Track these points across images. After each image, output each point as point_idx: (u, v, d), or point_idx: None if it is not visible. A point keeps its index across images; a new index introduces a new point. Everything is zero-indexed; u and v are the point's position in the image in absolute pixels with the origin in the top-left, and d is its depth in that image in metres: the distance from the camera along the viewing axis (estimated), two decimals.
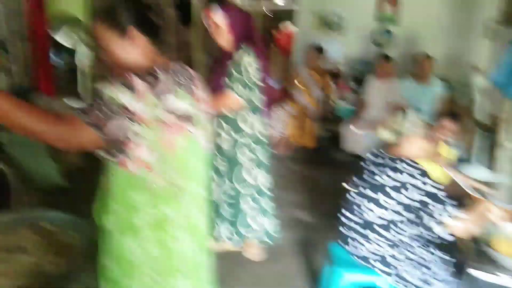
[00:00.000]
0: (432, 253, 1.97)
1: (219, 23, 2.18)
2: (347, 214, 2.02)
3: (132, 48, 1.22)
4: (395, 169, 1.86)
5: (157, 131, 1.15)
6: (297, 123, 4.66)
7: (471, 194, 2.37)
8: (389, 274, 1.90)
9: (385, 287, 1.91)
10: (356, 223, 1.97)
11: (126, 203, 1.23)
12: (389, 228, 1.88)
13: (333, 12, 5.34)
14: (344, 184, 2.10)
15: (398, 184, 1.83)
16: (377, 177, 1.90)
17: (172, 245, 1.27)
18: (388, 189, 1.85)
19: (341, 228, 2.06)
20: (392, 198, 1.84)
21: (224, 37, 2.21)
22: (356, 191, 2.01)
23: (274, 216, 2.60)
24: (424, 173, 1.81)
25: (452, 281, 1.88)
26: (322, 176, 4.18)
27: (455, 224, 1.69)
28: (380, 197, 1.87)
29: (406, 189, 1.80)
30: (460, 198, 2.14)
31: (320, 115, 4.80)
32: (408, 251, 1.93)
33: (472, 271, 1.81)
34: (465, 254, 1.95)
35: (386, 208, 1.86)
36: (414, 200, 1.79)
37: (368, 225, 1.92)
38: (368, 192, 1.92)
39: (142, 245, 1.25)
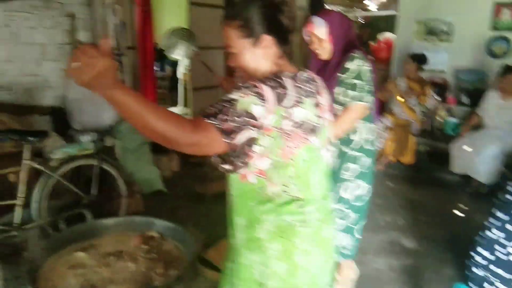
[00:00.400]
0: None
1: (322, 36, 2.04)
2: (485, 253, 1.76)
3: (263, 56, 1.17)
4: None
5: (280, 142, 1.09)
6: (395, 137, 4.35)
7: None
8: None
9: None
10: (496, 264, 1.70)
11: (249, 215, 1.18)
12: None
13: (440, 19, 4.94)
14: (457, 211, 1.82)
15: None
16: None
17: (298, 258, 1.17)
18: None
19: (473, 269, 1.79)
20: None
21: (326, 49, 2.07)
22: (497, 226, 1.74)
23: (357, 232, 2.28)
24: None
25: None
26: (425, 197, 3.83)
27: None
28: None
29: None
30: None
31: (422, 129, 4.43)
32: None
33: None
34: None
35: None
36: None
37: None
38: None
39: (268, 262, 1.17)
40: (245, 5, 1.16)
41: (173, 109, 6.60)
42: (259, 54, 1.17)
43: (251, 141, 1.03)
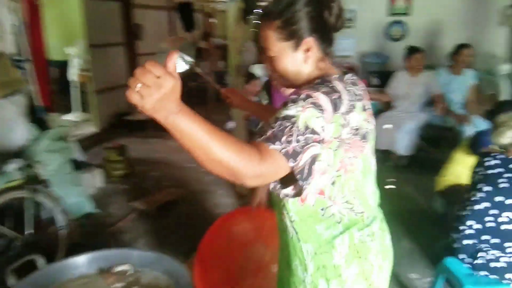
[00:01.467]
0: None
1: None
2: (475, 225, 1.86)
3: (305, 59, 1.03)
4: None
5: (340, 153, 0.98)
6: None
7: None
8: None
9: None
10: (488, 233, 1.82)
11: (318, 241, 1.05)
12: None
13: (345, 8, 5.22)
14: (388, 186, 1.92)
15: None
16: None
17: (375, 277, 1.09)
18: None
19: (465, 241, 1.89)
20: None
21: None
22: (484, 198, 1.85)
23: None
24: None
25: None
26: None
27: None
28: None
29: None
30: None
31: None
32: None
33: None
34: None
35: None
36: None
37: (507, 236, 1.78)
38: (509, 201, 1.77)
39: None
40: (286, 3, 1.00)
41: (67, 116, 5.87)
42: (300, 58, 1.03)
43: (314, 158, 0.90)
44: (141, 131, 5.84)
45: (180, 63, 1.62)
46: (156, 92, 0.71)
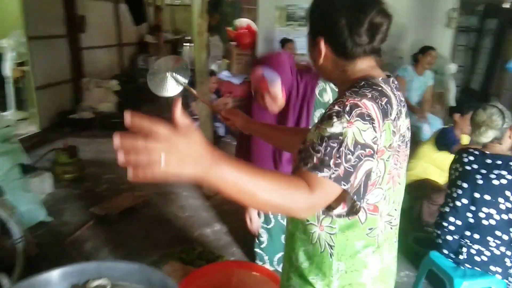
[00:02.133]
0: None
1: (278, 94, 1.74)
2: (457, 222, 1.91)
3: (319, 58, 0.96)
4: (506, 167, 1.79)
5: (390, 164, 0.90)
6: None
7: None
8: (506, 276, 1.84)
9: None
10: (469, 229, 1.87)
11: (352, 259, 0.97)
12: (507, 230, 1.81)
13: (298, 5, 5.25)
14: None
15: (505, 182, 1.78)
16: (494, 181, 1.81)
17: None
18: (507, 192, 1.78)
19: (448, 236, 1.94)
20: (507, 199, 1.78)
21: (279, 103, 1.79)
22: (464, 195, 1.90)
23: None
24: None
25: None
26: None
27: None
28: (500, 200, 1.79)
29: None
30: None
31: None
32: None
33: None
34: None
35: (506, 211, 1.79)
36: None
37: (487, 230, 1.83)
38: (486, 197, 1.83)
39: None
40: (323, 8, 0.94)
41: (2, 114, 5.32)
42: (317, 55, 0.96)
43: (369, 174, 0.83)
44: (87, 130, 5.45)
45: (172, 85, 1.46)
46: (173, 158, 0.61)
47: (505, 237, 1.83)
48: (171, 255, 2.40)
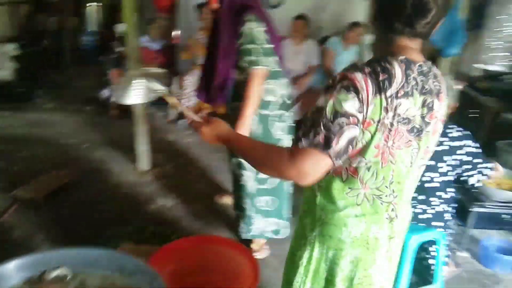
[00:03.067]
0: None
1: None
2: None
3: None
4: (444, 134, 1.99)
5: (379, 139, 0.95)
6: None
7: None
8: (445, 228, 2.09)
9: (440, 239, 2.09)
10: (416, 192, 2.06)
11: (337, 214, 1.06)
12: (445, 189, 2.04)
13: None
14: None
15: (447, 148, 2.00)
16: (437, 148, 2.00)
17: (374, 271, 1.12)
18: (445, 157, 1.99)
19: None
20: (446, 163, 2.00)
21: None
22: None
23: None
24: (469, 136, 2.00)
25: None
26: None
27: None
28: (440, 165, 2.00)
29: (457, 150, 1.98)
30: None
31: None
32: (450, 205, 2.15)
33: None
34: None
35: (445, 173, 2.01)
36: (458, 160, 1.99)
37: (430, 192, 2.03)
38: (430, 162, 2.00)
39: (341, 263, 1.10)
40: None
41: None
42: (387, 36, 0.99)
43: (353, 140, 0.93)
44: None
45: (145, 93, 1.34)
46: (208, 134, 1.14)
47: (446, 196, 2.06)
48: (120, 237, 2.25)
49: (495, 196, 2.33)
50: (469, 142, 1.99)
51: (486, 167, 2.04)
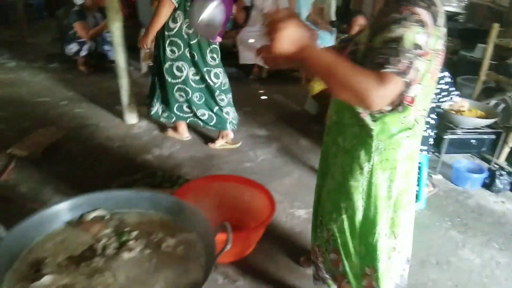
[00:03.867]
0: None
1: None
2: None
3: None
4: None
5: (432, 65, 1.11)
6: None
7: None
8: (428, 151, 2.41)
9: (424, 161, 2.41)
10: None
11: (390, 139, 1.21)
12: (430, 115, 2.35)
13: None
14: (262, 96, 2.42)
15: None
16: None
17: (413, 178, 1.34)
18: None
19: None
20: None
21: None
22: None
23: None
24: (445, 68, 2.28)
25: None
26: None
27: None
28: None
29: (440, 80, 2.27)
30: None
31: None
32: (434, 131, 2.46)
33: None
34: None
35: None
36: (439, 88, 2.30)
37: None
38: None
39: (395, 179, 1.27)
40: None
41: None
42: None
43: (418, 70, 1.01)
44: None
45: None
46: (285, 37, 0.92)
47: (432, 122, 2.36)
48: (134, 183, 2.37)
49: (465, 123, 2.66)
50: (447, 73, 2.29)
51: (455, 94, 2.38)
